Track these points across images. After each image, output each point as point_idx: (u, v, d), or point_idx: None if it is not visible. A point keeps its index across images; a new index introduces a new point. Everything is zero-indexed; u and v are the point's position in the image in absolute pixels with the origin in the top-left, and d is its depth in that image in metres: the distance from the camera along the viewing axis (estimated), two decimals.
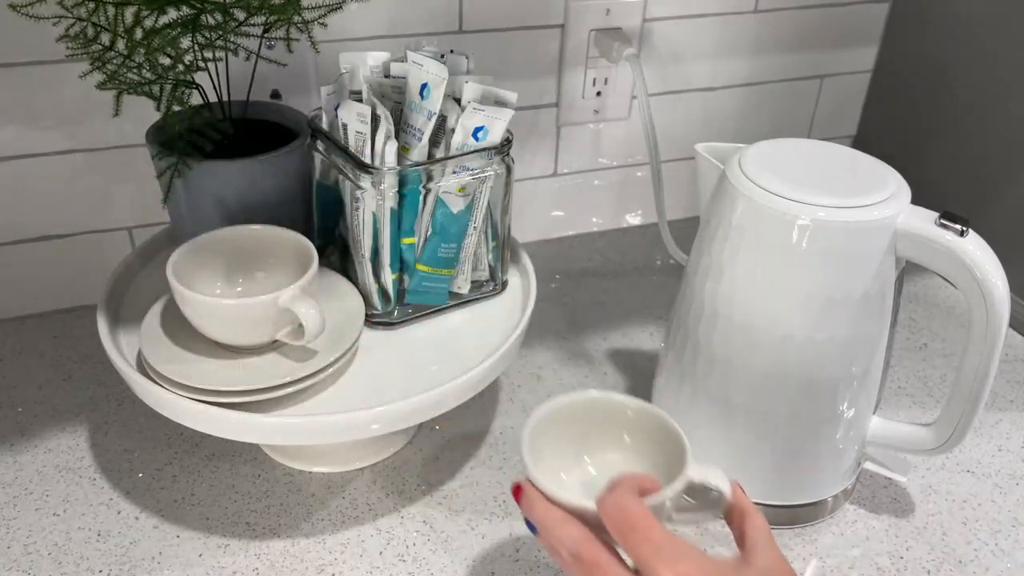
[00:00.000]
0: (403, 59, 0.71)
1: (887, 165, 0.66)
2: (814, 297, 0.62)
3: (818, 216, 0.60)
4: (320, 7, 0.70)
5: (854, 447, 0.70)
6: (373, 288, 0.72)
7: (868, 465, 0.74)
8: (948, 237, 0.60)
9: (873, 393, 0.68)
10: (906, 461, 0.74)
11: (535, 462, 0.54)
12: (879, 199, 0.61)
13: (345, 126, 0.69)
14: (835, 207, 0.61)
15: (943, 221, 0.61)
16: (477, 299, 0.77)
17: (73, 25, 0.65)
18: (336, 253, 0.76)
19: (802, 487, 0.70)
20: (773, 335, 0.63)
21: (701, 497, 0.56)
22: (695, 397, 0.69)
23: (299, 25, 0.68)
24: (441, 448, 0.78)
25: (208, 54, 0.68)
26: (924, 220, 0.61)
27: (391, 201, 0.68)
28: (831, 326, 0.63)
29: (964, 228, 0.60)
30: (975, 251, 0.60)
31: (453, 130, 0.70)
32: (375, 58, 0.73)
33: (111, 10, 0.64)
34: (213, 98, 0.72)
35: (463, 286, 0.76)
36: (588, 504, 0.51)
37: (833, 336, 0.63)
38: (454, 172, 0.69)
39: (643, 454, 0.59)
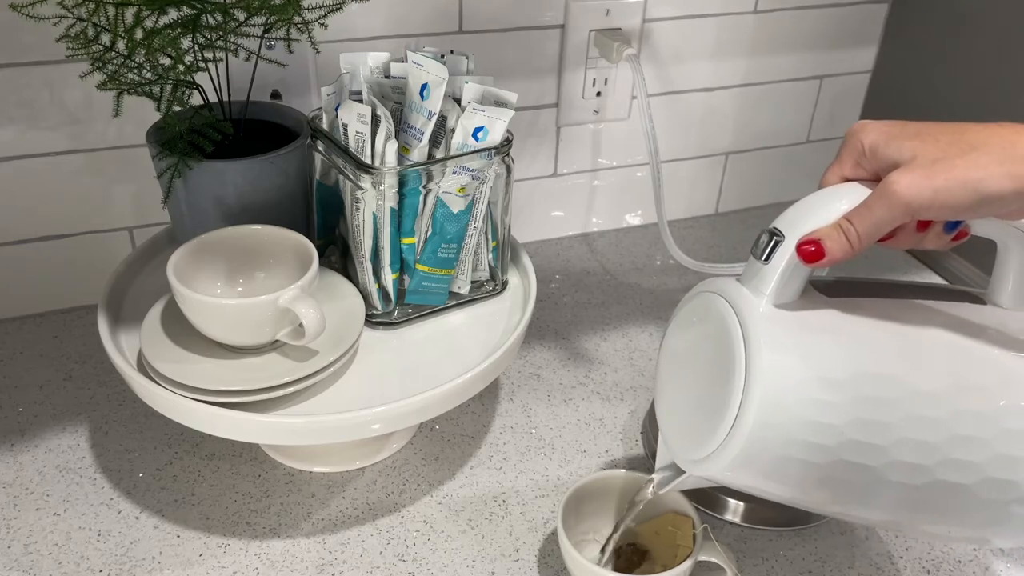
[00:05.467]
0: (403, 59, 0.71)
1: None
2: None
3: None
4: (320, 7, 0.70)
5: None
6: (373, 288, 0.72)
7: None
8: None
9: None
10: None
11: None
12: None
13: (345, 126, 0.69)
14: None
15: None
16: (477, 299, 0.77)
17: (73, 25, 0.65)
18: (336, 253, 0.76)
19: None
20: None
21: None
22: None
23: (299, 25, 0.68)
24: (441, 448, 0.78)
25: (208, 54, 0.68)
26: None
27: (391, 201, 0.68)
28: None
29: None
30: None
31: (453, 130, 0.70)
32: (375, 58, 0.73)
33: (111, 10, 0.64)
34: (213, 98, 0.72)
35: (463, 286, 0.76)
36: None
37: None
38: (454, 172, 0.69)
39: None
